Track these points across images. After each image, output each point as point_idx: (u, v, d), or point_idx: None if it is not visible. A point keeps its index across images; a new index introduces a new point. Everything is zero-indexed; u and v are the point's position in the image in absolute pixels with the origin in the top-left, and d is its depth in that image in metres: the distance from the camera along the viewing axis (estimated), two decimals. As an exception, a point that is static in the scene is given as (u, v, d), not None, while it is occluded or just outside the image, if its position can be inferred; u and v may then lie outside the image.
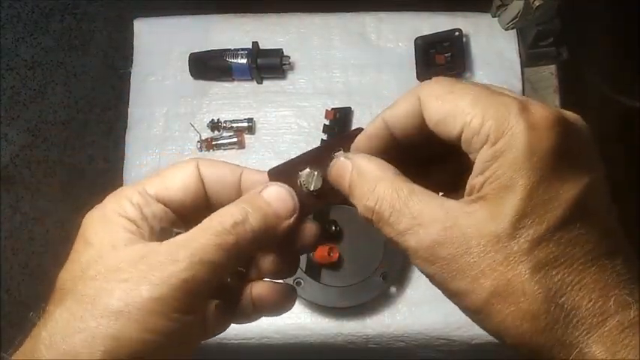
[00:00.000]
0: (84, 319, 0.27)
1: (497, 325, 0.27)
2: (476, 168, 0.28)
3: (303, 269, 0.82)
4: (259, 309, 0.34)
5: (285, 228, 0.33)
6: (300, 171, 0.34)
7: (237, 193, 0.34)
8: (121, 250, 0.29)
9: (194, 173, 0.33)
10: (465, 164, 0.30)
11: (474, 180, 0.28)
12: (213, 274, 0.29)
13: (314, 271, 0.84)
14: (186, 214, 0.33)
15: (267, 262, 0.34)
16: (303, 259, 0.83)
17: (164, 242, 0.30)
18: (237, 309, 0.34)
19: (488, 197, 0.27)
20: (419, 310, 0.84)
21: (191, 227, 0.31)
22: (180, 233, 0.31)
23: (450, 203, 0.28)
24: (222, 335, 0.34)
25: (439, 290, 0.29)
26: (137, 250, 0.29)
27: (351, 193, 0.31)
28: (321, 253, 0.83)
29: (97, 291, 0.27)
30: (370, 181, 0.30)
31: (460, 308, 0.28)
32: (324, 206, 0.36)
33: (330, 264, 0.84)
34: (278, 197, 0.32)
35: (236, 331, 0.84)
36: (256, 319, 0.35)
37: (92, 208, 0.32)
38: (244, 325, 0.36)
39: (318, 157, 0.34)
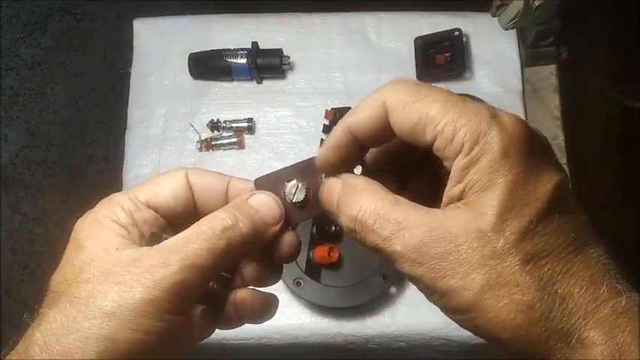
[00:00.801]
0: (77, 320, 0.27)
1: (490, 321, 0.27)
2: (452, 177, 0.28)
3: (303, 269, 0.82)
4: (242, 316, 0.35)
5: (272, 235, 0.33)
6: (287, 182, 0.34)
7: (225, 200, 0.35)
8: (114, 253, 0.30)
9: (183, 181, 0.34)
10: (439, 171, 0.31)
11: (451, 190, 0.29)
12: (202, 277, 0.30)
13: (314, 271, 0.84)
14: (175, 220, 0.34)
15: (250, 269, 0.35)
16: (303, 259, 0.83)
17: (155, 246, 0.30)
18: (222, 315, 0.35)
19: (469, 201, 0.28)
20: (419, 310, 0.84)
21: (179, 228, 0.32)
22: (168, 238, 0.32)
23: (434, 210, 0.29)
24: (222, 335, 0.34)
25: (424, 295, 0.29)
26: (129, 254, 0.30)
27: (338, 210, 0.32)
28: (321, 253, 0.82)
29: (90, 293, 0.28)
30: (355, 193, 0.31)
31: (448, 310, 0.28)
32: (305, 219, 0.36)
33: (330, 264, 0.84)
34: (265, 204, 0.33)
35: (236, 332, 0.83)
36: (239, 326, 0.36)
37: (85, 212, 0.33)
38: (244, 325, 0.36)
39: (305, 170, 0.34)
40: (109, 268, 0.29)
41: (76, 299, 0.28)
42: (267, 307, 0.35)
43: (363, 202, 0.30)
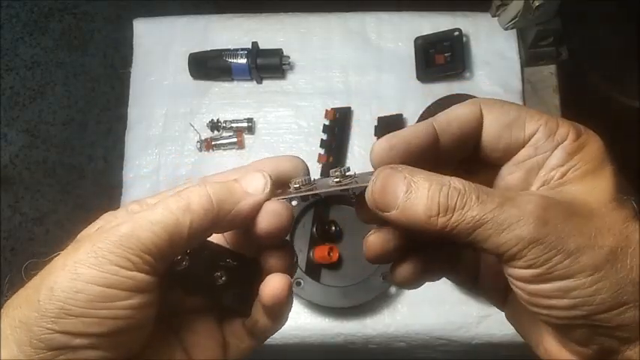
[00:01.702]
0: (42, 275, 0.31)
1: (619, 282, 0.27)
2: (553, 161, 0.31)
3: (303, 269, 0.82)
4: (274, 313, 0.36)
5: (252, 204, 0.32)
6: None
7: None
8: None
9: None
10: (488, 181, 0.33)
11: (553, 171, 0.31)
12: (158, 234, 0.30)
13: (314, 271, 0.84)
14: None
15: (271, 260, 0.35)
16: (303, 259, 0.83)
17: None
18: (251, 318, 0.36)
19: (576, 179, 0.30)
20: (419, 310, 0.84)
21: None
22: None
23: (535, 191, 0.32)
24: None
25: (540, 263, 0.27)
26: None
27: (411, 196, 0.29)
28: (321, 253, 0.82)
29: (61, 256, 0.31)
30: (438, 178, 0.29)
31: (573, 271, 0.27)
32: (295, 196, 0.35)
33: (330, 264, 0.84)
34: (250, 177, 0.33)
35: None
36: (276, 329, 0.37)
37: (85, 211, 0.34)
38: None
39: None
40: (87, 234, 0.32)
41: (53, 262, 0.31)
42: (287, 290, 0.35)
43: (456, 182, 0.28)
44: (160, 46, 1.01)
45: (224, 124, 0.95)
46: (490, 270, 0.35)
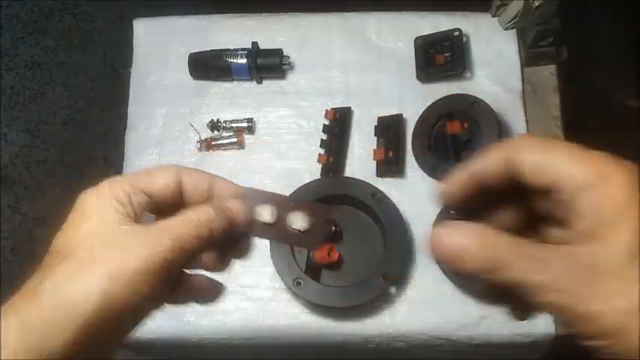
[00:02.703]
0: (83, 276, 0.33)
1: (633, 342, 0.28)
2: (582, 211, 0.30)
3: (303, 269, 0.82)
4: (193, 296, 0.42)
5: (236, 234, 0.41)
6: (259, 204, 0.42)
7: (208, 195, 0.41)
8: (115, 226, 0.36)
9: (174, 176, 0.40)
10: (532, 205, 0.34)
11: (578, 224, 0.31)
12: (185, 257, 0.36)
13: (314, 271, 0.84)
14: (162, 206, 0.40)
15: (208, 257, 0.41)
16: (303, 259, 0.83)
17: (149, 225, 0.37)
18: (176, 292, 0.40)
19: (602, 233, 0.30)
20: (419, 310, 0.84)
21: (165, 214, 0.38)
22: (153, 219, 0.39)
23: (564, 245, 0.31)
24: (222, 335, 0.35)
25: (564, 324, 0.31)
26: (129, 229, 0.36)
27: (462, 252, 0.32)
28: (321, 253, 0.82)
29: (95, 256, 0.34)
30: (482, 236, 0.32)
31: (591, 334, 0.29)
32: (264, 238, 0.43)
33: (330, 264, 0.84)
34: (238, 209, 0.41)
35: (236, 331, 0.83)
36: (183, 303, 0.42)
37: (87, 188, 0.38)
38: (245, 324, 0.39)
39: (278, 201, 0.42)
40: (112, 238, 0.35)
41: (82, 259, 0.34)
42: (215, 292, 0.43)
43: (496, 242, 0.32)
44: (160, 46, 1.01)
45: (224, 124, 0.95)
46: None
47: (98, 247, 0.35)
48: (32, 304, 0.32)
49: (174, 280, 0.38)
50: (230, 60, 0.95)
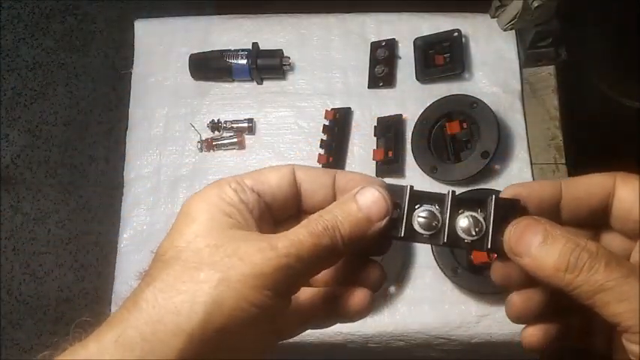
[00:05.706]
0: (187, 283, 0.29)
1: None
2: None
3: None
4: (342, 314, 0.36)
5: (375, 231, 0.34)
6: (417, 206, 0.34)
7: (332, 193, 0.36)
8: (224, 229, 0.32)
9: (289, 175, 0.36)
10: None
11: None
12: (304, 268, 0.31)
13: (314, 270, 0.84)
14: (276, 209, 0.36)
15: (371, 272, 0.37)
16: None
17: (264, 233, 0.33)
18: (314, 312, 0.36)
19: None
20: (418, 309, 0.84)
21: (280, 223, 0.35)
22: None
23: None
24: None
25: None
26: (239, 233, 0.32)
27: (545, 247, 0.31)
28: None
29: (201, 261, 0.30)
30: (575, 238, 0.30)
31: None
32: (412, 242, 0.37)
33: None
34: (372, 200, 0.33)
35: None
36: (329, 326, 0.38)
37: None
38: None
39: (440, 201, 0.35)
40: (220, 241, 0.31)
41: (186, 264, 0.30)
42: (369, 306, 0.36)
43: (591, 244, 0.30)
44: (161, 47, 1.02)
45: (225, 125, 0.96)
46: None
47: (206, 251, 0.31)
48: (131, 317, 0.29)
49: (293, 291, 0.33)
50: (230, 61, 0.96)
